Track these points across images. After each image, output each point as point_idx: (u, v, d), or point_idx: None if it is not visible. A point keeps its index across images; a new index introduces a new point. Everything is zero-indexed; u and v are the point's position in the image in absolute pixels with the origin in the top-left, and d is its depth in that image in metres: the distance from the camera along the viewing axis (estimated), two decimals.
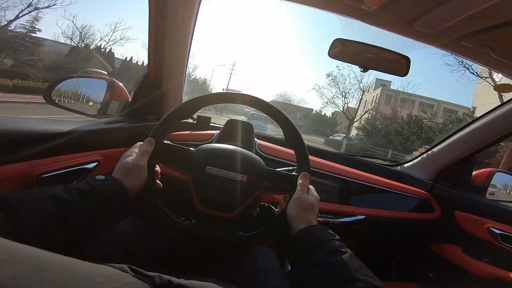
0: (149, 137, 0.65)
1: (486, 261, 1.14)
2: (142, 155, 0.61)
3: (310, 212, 0.61)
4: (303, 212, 0.60)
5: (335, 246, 0.51)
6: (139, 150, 0.62)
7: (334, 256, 0.49)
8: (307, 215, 0.60)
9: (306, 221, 0.59)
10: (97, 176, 0.54)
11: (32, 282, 0.20)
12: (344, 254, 0.49)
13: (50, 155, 0.68)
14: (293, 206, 0.61)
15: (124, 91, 0.97)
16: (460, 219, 1.23)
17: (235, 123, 1.13)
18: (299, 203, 0.61)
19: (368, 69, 0.95)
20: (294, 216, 0.60)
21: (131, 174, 0.58)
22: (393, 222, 1.18)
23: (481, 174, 1.32)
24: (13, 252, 0.22)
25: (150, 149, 0.63)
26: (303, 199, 0.62)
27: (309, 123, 27.81)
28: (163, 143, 0.67)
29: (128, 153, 0.62)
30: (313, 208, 0.62)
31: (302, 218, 0.59)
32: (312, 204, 0.62)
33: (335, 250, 0.50)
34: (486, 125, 1.16)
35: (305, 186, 0.65)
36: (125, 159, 0.60)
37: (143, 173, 0.60)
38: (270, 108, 0.72)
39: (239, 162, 0.67)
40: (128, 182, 0.56)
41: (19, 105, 9.12)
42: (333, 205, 1.09)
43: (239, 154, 0.69)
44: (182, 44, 1.03)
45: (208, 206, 0.67)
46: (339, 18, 0.87)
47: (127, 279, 0.31)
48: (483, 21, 0.71)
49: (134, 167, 0.59)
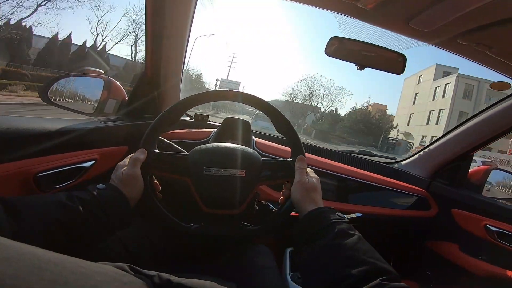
0: (140, 147, 0.64)
1: (483, 258, 1.15)
2: (133, 164, 0.60)
3: (314, 192, 0.61)
4: (308, 193, 0.60)
5: (343, 229, 0.51)
6: (130, 160, 0.61)
7: (342, 238, 0.49)
8: (312, 196, 0.60)
9: (313, 201, 0.59)
10: (98, 185, 0.54)
11: (33, 281, 0.20)
12: (353, 237, 0.49)
13: (47, 153, 0.68)
14: (297, 190, 0.61)
15: (121, 89, 0.97)
16: (457, 217, 1.23)
17: (233, 121, 1.13)
18: (302, 185, 0.61)
19: (364, 67, 0.96)
20: (300, 199, 0.60)
21: (127, 185, 0.57)
22: (390, 220, 1.19)
23: (478, 171, 1.32)
24: (14, 251, 0.22)
25: (142, 157, 0.62)
26: (304, 181, 0.62)
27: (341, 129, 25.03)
28: (155, 153, 0.66)
29: (122, 163, 0.62)
30: (316, 189, 0.62)
31: (308, 200, 0.59)
32: (314, 184, 0.63)
33: (344, 233, 0.50)
34: (482, 123, 1.17)
35: (303, 169, 0.65)
36: (119, 170, 0.60)
37: (139, 183, 0.60)
38: (252, 99, 0.72)
39: (235, 158, 0.67)
40: (126, 192, 0.56)
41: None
42: (330, 203, 1.09)
43: (234, 150, 0.69)
44: (179, 42, 1.03)
45: (213, 207, 0.67)
46: (336, 16, 0.87)
47: (126, 278, 0.31)
48: (479, 19, 0.71)
49: (128, 177, 0.58)
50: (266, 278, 0.69)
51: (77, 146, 0.75)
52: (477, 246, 1.17)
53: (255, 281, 0.68)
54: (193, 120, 1.24)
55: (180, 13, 0.95)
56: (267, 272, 0.71)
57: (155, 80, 1.05)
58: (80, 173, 0.76)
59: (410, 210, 1.23)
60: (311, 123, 28.40)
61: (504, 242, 1.10)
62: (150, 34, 0.95)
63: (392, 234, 1.35)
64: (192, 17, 0.99)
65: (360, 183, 1.16)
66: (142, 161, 0.61)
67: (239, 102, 0.73)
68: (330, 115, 29.18)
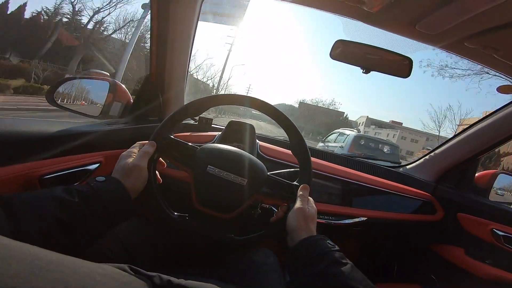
0: (151, 140, 0.65)
1: (489, 263, 1.13)
2: (143, 156, 0.61)
3: (312, 222, 0.61)
4: (305, 222, 0.60)
5: (336, 258, 0.51)
6: (139, 151, 0.62)
7: (335, 267, 0.49)
8: (309, 225, 0.60)
9: (308, 231, 0.58)
10: (97, 177, 0.53)
11: (33, 281, 0.20)
12: (345, 266, 0.49)
13: (52, 156, 0.68)
14: (295, 216, 0.61)
15: (126, 92, 0.97)
16: (463, 221, 1.22)
17: (237, 124, 1.12)
18: (301, 213, 0.61)
19: (370, 71, 0.95)
20: (295, 227, 0.59)
21: (131, 176, 0.57)
22: (395, 224, 1.18)
23: (484, 175, 1.31)
24: (15, 251, 0.22)
25: (151, 151, 0.63)
26: (305, 209, 0.62)
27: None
28: (169, 137, 0.67)
29: (126, 153, 0.61)
30: (314, 219, 0.62)
31: (304, 228, 0.59)
32: (313, 215, 0.63)
33: (337, 261, 0.50)
34: (489, 127, 1.16)
35: (305, 197, 0.65)
36: (124, 160, 0.59)
37: (144, 174, 0.60)
38: (276, 113, 0.72)
39: (241, 165, 0.67)
40: (128, 183, 0.56)
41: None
42: (335, 206, 1.08)
43: (242, 157, 0.69)
44: (184, 45, 1.03)
45: (205, 205, 0.68)
46: (341, 19, 0.87)
47: (127, 279, 0.31)
48: (486, 22, 0.70)
49: (134, 168, 0.58)
50: (268, 281, 0.69)
51: (82, 148, 0.76)
52: (483, 250, 1.15)
53: (257, 283, 0.67)
54: (197, 123, 1.24)
55: (185, 15, 0.95)
56: (269, 275, 0.71)
57: (160, 83, 1.06)
58: (85, 176, 0.76)
59: (416, 214, 1.22)
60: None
61: (511, 247, 1.08)
62: (155, 37, 0.95)
63: (397, 238, 1.34)
64: (197, 20, 0.99)
65: (365, 187, 1.15)
66: (150, 154, 0.62)
67: (261, 111, 0.73)
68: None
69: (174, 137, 0.69)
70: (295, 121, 0.73)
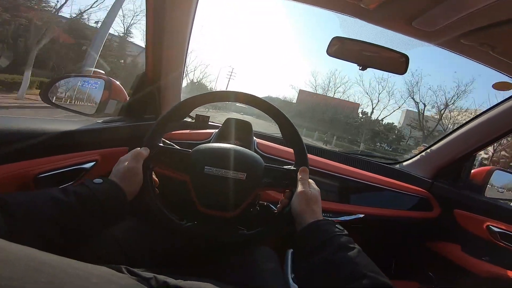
0: (143, 145, 0.65)
1: (486, 259, 1.14)
2: (136, 159, 0.61)
3: (315, 204, 0.61)
4: (308, 205, 0.60)
5: (343, 242, 0.51)
6: (132, 154, 0.62)
7: (342, 252, 0.49)
8: (313, 208, 0.60)
9: (313, 214, 0.59)
10: (95, 179, 0.54)
11: (29, 283, 0.20)
12: (353, 250, 0.49)
13: (48, 154, 0.67)
14: (298, 201, 0.61)
15: (121, 90, 0.97)
16: (460, 218, 1.23)
17: (234, 122, 1.12)
18: (304, 196, 0.61)
19: (366, 68, 0.95)
20: (300, 211, 0.60)
21: (126, 178, 0.58)
22: (392, 221, 1.18)
23: (480, 172, 1.32)
24: (10, 253, 0.22)
25: (145, 153, 0.63)
26: (307, 192, 0.62)
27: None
28: (159, 146, 0.67)
29: (124, 158, 0.62)
30: (318, 201, 0.62)
31: (308, 212, 0.59)
32: (316, 196, 0.63)
33: (344, 246, 0.50)
34: (485, 123, 1.16)
35: (305, 180, 0.65)
36: (120, 164, 0.60)
37: (138, 177, 0.60)
38: (264, 104, 0.72)
39: (237, 160, 0.67)
40: (124, 186, 0.56)
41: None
42: (332, 203, 1.09)
43: (237, 152, 0.68)
44: (180, 42, 1.02)
45: (209, 207, 0.67)
46: (337, 16, 0.87)
47: (123, 280, 0.31)
48: (483, 19, 0.71)
49: (128, 171, 0.59)
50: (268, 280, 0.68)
51: (78, 147, 0.75)
52: (480, 247, 1.16)
53: (257, 283, 0.67)
54: (194, 121, 1.23)
55: (181, 12, 0.94)
56: (269, 275, 0.70)
57: (156, 80, 1.05)
58: (80, 174, 0.75)
59: (412, 211, 1.22)
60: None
61: (507, 243, 1.09)
62: (151, 34, 0.94)
63: (394, 235, 1.35)
64: (194, 17, 0.98)
65: (362, 184, 1.15)
66: (144, 156, 0.63)
67: (249, 105, 0.73)
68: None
69: (164, 144, 0.68)
70: (294, 118, 0.73)
